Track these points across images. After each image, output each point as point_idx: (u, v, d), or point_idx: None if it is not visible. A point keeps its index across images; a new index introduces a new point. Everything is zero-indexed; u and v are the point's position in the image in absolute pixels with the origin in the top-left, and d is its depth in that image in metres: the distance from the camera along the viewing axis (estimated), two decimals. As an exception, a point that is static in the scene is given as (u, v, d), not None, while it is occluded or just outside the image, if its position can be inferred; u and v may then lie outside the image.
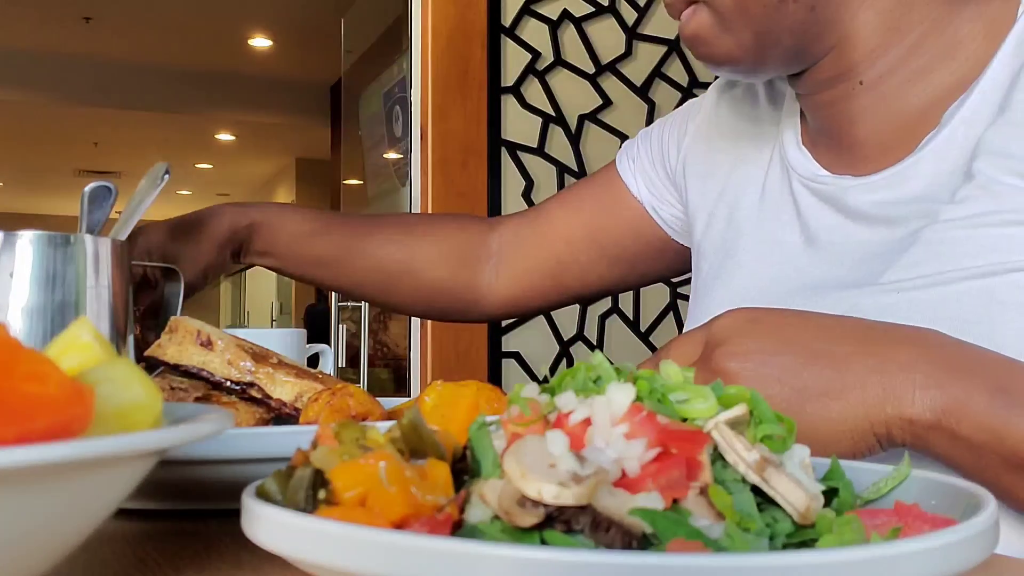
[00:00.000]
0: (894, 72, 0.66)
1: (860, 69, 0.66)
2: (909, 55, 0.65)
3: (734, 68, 0.68)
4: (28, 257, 0.63)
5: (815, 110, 0.71)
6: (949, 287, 0.58)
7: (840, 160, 0.70)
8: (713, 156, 0.83)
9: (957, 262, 0.58)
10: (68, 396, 0.28)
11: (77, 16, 4.79)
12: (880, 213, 0.65)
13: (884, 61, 0.65)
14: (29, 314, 0.62)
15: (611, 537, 0.29)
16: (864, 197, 0.67)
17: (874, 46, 0.65)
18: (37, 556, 0.30)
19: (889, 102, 0.66)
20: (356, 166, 3.04)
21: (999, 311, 0.56)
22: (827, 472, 0.38)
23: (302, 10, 4.66)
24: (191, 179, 8.64)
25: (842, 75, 0.67)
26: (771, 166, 0.77)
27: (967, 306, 0.57)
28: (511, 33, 2.01)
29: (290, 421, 0.57)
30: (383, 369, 2.77)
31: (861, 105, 0.67)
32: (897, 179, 0.65)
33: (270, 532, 0.30)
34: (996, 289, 0.57)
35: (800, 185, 0.72)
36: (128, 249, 0.69)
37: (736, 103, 0.84)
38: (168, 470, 0.46)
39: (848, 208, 0.68)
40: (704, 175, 0.83)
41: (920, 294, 0.59)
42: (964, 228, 0.59)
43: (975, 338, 0.56)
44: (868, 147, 0.68)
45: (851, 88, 0.67)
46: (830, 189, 0.69)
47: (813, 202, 0.71)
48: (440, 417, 0.42)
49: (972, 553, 0.28)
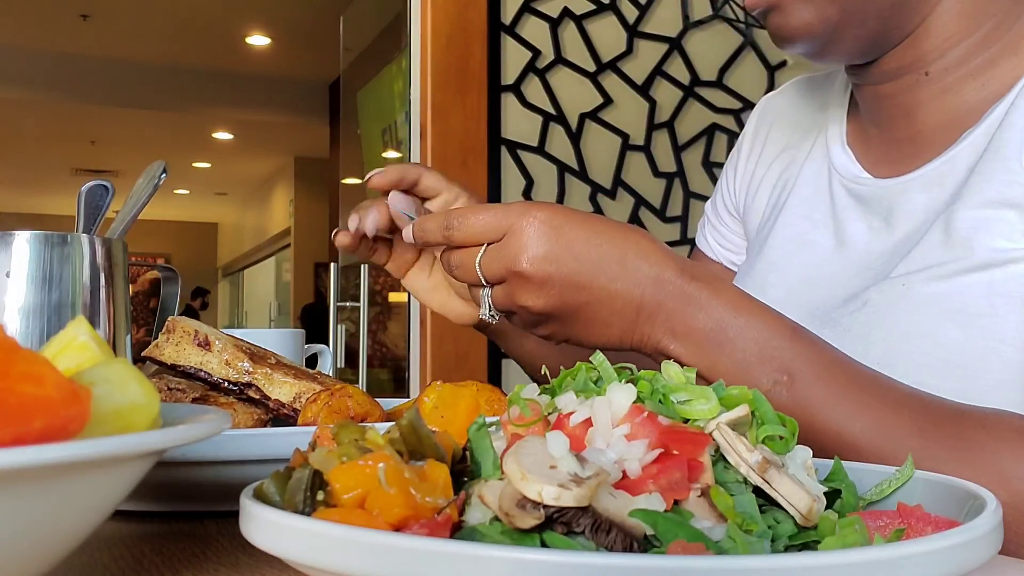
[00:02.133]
0: (961, 64, 0.65)
1: (929, 59, 0.65)
2: (978, 47, 0.64)
3: (805, 43, 0.65)
4: (25, 256, 0.62)
5: (873, 101, 0.70)
6: (952, 281, 0.58)
7: (884, 158, 0.70)
8: (768, 147, 0.84)
9: (957, 253, 0.59)
10: (65, 397, 0.28)
11: (74, 13, 4.78)
12: (912, 216, 0.65)
13: (954, 52, 0.65)
14: (26, 314, 0.62)
15: (612, 539, 0.29)
16: (899, 200, 0.66)
17: (949, 35, 0.64)
18: (34, 557, 0.30)
19: (948, 96, 0.66)
20: (355, 165, 3.04)
21: (1001, 303, 0.56)
22: (830, 473, 0.38)
23: (301, 8, 4.66)
24: (189, 178, 8.64)
25: (909, 65, 0.66)
26: (808, 160, 0.77)
27: (969, 299, 0.57)
28: (511, 31, 2.01)
29: (288, 422, 0.57)
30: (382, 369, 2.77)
31: (920, 99, 0.67)
32: (932, 177, 0.65)
33: (268, 534, 0.30)
34: (995, 281, 0.57)
35: (840, 186, 0.72)
36: (126, 248, 0.69)
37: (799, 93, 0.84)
38: (166, 471, 0.45)
39: (883, 212, 0.67)
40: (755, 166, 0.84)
41: (924, 288, 0.59)
42: (966, 212, 0.59)
43: (979, 331, 0.56)
44: (915, 144, 0.68)
45: (915, 80, 0.66)
46: (869, 191, 0.69)
47: (850, 204, 0.70)
48: (439, 418, 0.42)
49: (975, 555, 0.28)
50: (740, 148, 0.88)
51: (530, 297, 0.54)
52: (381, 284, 2.72)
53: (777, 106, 0.85)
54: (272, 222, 8.62)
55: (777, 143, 0.83)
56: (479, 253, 0.55)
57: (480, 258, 0.55)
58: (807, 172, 0.76)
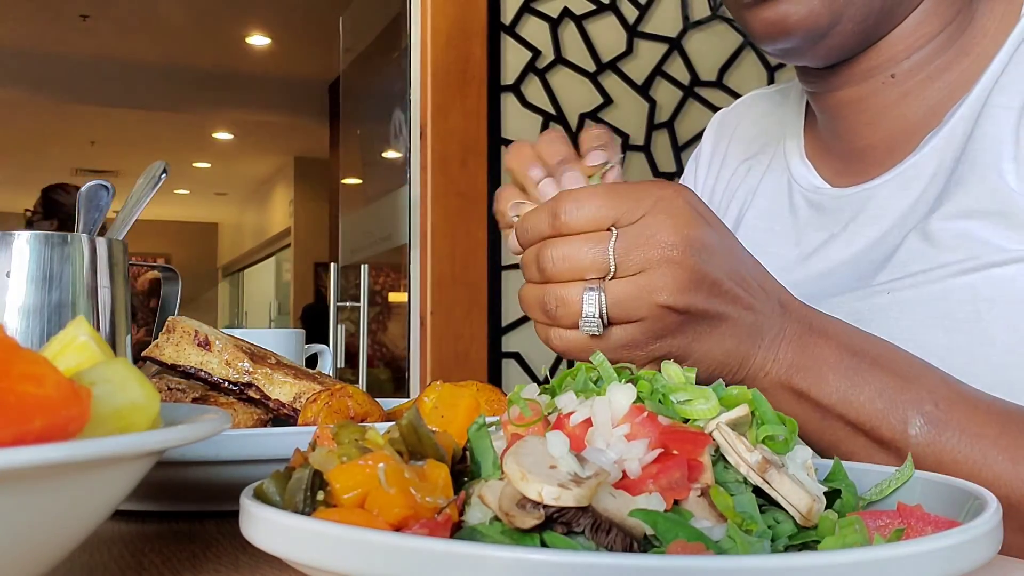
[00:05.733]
0: (924, 66, 0.65)
1: (899, 59, 0.65)
2: (940, 48, 0.65)
3: (803, 35, 0.61)
4: (25, 256, 0.62)
5: (834, 109, 0.70)
6: (935, 286, 0.59)
7: (845, 168, 0.70)
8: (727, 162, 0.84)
9: (939, 258, 0.59)
10: (65, 397, 0.28)
11: (74, 14, 4.78)
12: (878, 221, 0.65)
13: (920, 54, 0.65)
14: (26, 314, 0.62)
15: (612, 539, 0.29)
16: (864, 207, 0.66)
17: (919, 35, 0.64)
18: (35, 558, 0.30)
19: (909, 100, 0.66)
20: (355, 165, 3.04)
21: (986, 308, 0.57)
22: (829, 473, 0.38)
23: (301, 8, 4.66)
24: (189, 178, 8.63)
25: (879, 67, 0.66)
26: (768, 173, 0.77)
27: (953, 304, 0.58)
28: (511, 31, 2.00)
29: (288, 422, 0.57)
30: (382, 369, 2.76)
31: (883, 103, 0.67)
32: (898, 183, 0.65)
33: (268, 534, 0.30)
34: (978, 285, 0.57)
35: (801, 198, 0.72)
36: (126, 248, 0.69)
37: (754, 107, 0.84)
38: (166, 471, 0.45)
39: (845, 220, 0.68)
40: (715, 182, 0.84)
41: (909, 294, 0.59)
42: (941, 220, 0.60)
43: (966, 336, 0.56)
44: (876, 151, 0.68)
45: (880, 83, 0.66)
46: (831, 201, 0.69)
47: (811, 215, 0.71)
48: (439, 418, 0.42)
49: (975, 555, 0.28)
50: (698, 162, 0.88)
51: (677, 293, 0.44)
52: (381, 284, 2.72)
53: (732, 121, 0.86)
54: (272, 222, 8.61)
55: (735, 157, 0.83)
56: (610, 238, 0.45)
57: (614, 243, 0.45)
58: (766, 185, 0.76)
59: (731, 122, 0.86)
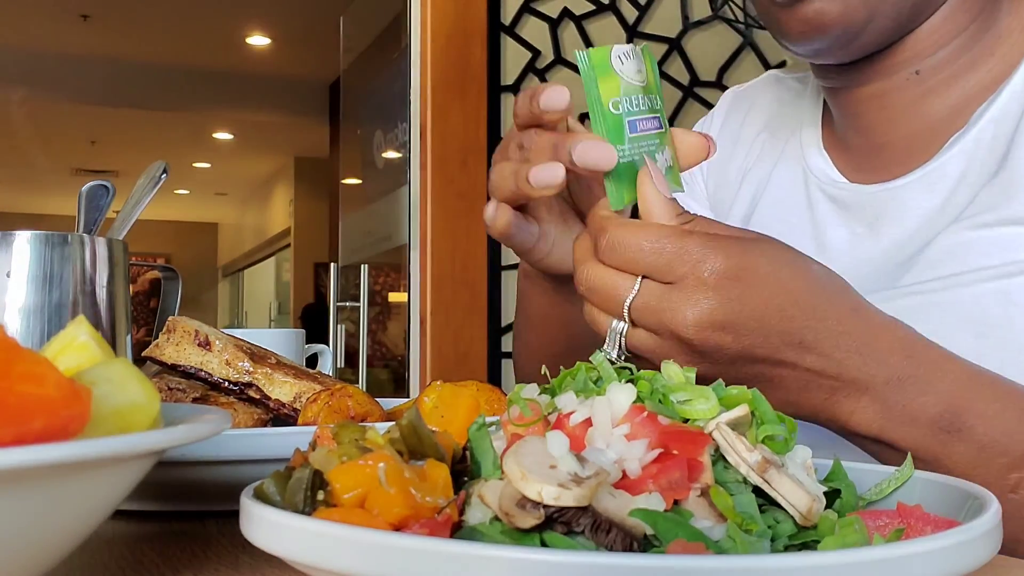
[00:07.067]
0: (948, 64, 0.64)
1: (924, 55, 0.64)
2: (964, 46, 0.64)
3: (837, 33, 0.60)
4: (25, 257, 0.62)
5: (853, 105, 0.69)
6: (966, 289, 0.58)
7: (865, 164, 0.69)
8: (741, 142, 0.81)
9: (973, 262, 0.58)
10: (65, 397, 0.28)
11: (75, 14, 4.78)
12: (902, 222, 0.64)
13: (944, 51, 0.64)
14: (26, 314, 0.62)
15: (612, 539, 0.29)
16: (886, 207, 0.65)
17: (945, 31, 0.63)
18: (35, 557, 0.30)
19: (933, 97, 0.65)
20: (355, 165, 3.04)
21: (1017, 314, 0.56)
22: (829, 473, 0.38)
23: (301, 8, 4.66)
24: (189, 178, 8.63)
25: (906, 61, 0.65)
26: (782, 161, 0.75)
27: (986, 309, 0.57)
28: (511, 31, 2.01)
29: (289, 422, 0.57)
30: (382, 369, 2.76)
31: (905, 100, 0.66)
32: (923, 184, 0.64)
33: (268, 533, 0.30)
34: (1012, 291, 0.56)
35: (818, 191, 0.71)
36: (126, 248, 0.69)
37: (771, 89, 0.82)
38: (166, 471, 0.45)
39: (868, 219, 0.67)
40: (731, 152, 0.82)
41: (938, 297, 0.59)
42: (978, 228, 0.59)
43: (996, 341, 0.56)
44: (897, 149, 0.67)
45: (904, 79, 0.65)
46: (852, 197, 0.68)
47: (831, 209, 0.69)
48: (439, 418, 0.42)
49: (975, 555, 0.28)
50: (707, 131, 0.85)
51: (687, 361, 0.44)
52: (381, 284, 2.72)
53: (746, 102, 0.83)
54: (272, 222, 8.61)
55: (748, 138, 0.80)
56: (632, 290, 0.44)
57: (632, 299, 0.44)
58: (780, 174, 0.75)
59: (744, 103, 0.83)
